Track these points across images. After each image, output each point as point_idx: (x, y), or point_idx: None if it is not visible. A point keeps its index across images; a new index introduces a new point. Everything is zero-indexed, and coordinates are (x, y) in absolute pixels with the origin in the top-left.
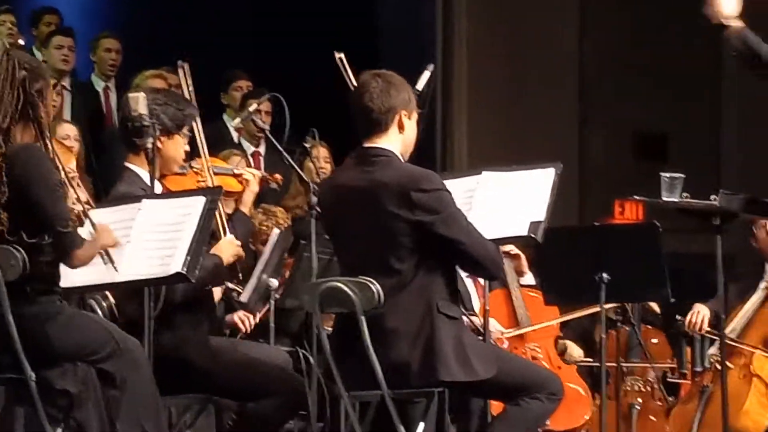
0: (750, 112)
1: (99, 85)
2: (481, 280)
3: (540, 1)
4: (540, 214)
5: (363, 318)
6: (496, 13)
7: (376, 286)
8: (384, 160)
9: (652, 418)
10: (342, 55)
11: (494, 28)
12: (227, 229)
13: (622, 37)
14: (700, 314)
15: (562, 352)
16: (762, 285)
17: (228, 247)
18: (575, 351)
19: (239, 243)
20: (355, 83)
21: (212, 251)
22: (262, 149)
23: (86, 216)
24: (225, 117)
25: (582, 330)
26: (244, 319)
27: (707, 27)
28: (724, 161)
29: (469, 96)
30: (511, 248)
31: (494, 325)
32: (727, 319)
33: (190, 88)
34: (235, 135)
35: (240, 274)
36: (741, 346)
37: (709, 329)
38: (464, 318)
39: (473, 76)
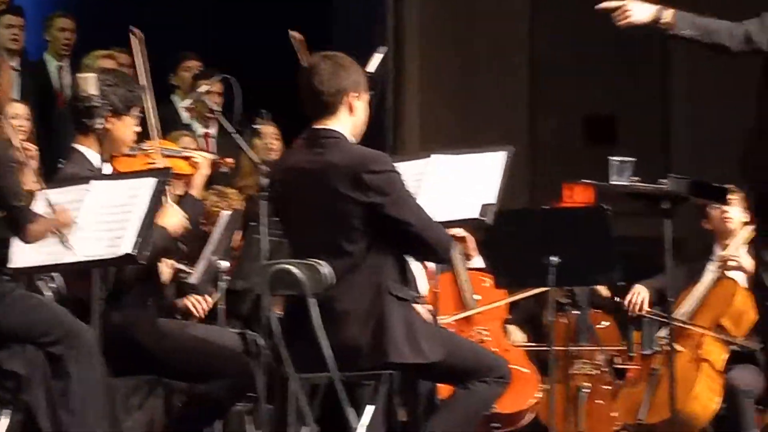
0: (699, 98)
1: (53, 64)
2: (429, 264)
3: None
4: (491, 196)
5: (312, 300)
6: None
7: (325, 268)
8: (332, 142)
9: (600, 401)
10: (297, 34)
11: (445, 14)
12: None
13: (573, 21)
14: (639, 295)
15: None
16: (711, 267)
17: (173, 215)
18: (516, 335)
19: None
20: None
21: (157, 221)
22: (212, 130)
23: (44, 196)
24: (174, 98)
25: (530, 314)
26: (196, 304)
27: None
28: (674, 144)
29: (421, 81)
30: (457, 231)
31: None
32: (677, 302)
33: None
34: (185, 116)
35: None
36: (690, 327)
37: (655, 311)
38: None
39: (424, 62)
